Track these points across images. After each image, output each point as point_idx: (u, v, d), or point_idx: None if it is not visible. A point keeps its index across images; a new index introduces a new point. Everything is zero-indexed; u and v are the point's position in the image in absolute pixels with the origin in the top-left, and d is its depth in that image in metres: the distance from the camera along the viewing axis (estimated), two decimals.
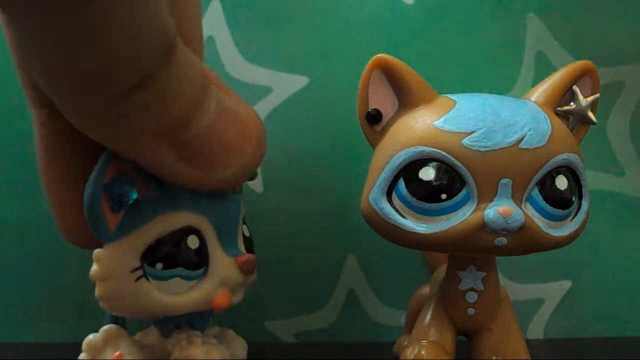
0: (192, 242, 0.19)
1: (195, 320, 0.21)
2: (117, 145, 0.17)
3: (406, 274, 0.30)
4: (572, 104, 0.19)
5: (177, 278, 0.19)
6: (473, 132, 0.17)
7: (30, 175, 0.30)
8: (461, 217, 0.17)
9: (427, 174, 0.17)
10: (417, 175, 0.17)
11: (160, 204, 0.19)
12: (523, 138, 0.17)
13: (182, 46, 0.16)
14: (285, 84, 0.30)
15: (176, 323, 0.21)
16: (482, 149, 0.17)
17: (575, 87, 0.19)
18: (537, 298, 0.31)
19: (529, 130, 0.17)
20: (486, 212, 0.17)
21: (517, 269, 0.30)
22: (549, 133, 0.17)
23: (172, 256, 0.19)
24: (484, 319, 0.20)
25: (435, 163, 0.17)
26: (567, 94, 0.19)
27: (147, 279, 0.19)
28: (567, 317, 0.31)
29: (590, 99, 0.19)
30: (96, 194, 0.18)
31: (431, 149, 0.17)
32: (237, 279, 0.20)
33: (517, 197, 0.17)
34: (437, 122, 0.17)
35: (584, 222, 0.19)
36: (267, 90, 0.30)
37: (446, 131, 0.17)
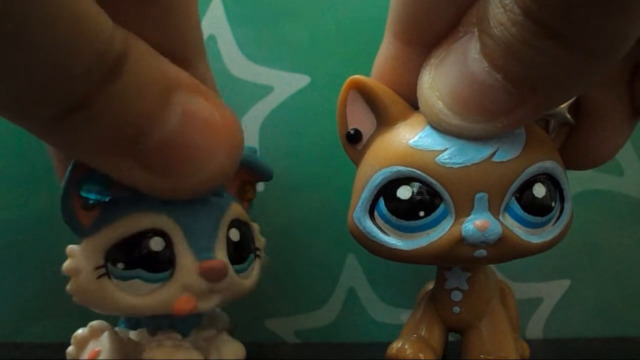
0: (155, 244, 0.19)
1: (178, 323, 0.21)
2: (77, 157, 0.17)
3: (406, 273, 0.30)
4: None
5: (137, 279, 0.18)
6: (446, 149, 0.17)
7: (29, 173, 0.30)
8: (440, 233, 0.18)
9: (405, 193, 0.18)
10: (396, 195, 0.18)
11: (132, 203, 0.19)
12: (495, 152, 0.17)
13: (139, 53, 0.15)
14: (287, 83, 0.30)
15: (157, 324, 0.21)
16: (456, 166, 0.17)
17: None
18: (536, 297, 0.31)
19: (502, 143, 0.17)
20: (463, 226, 0.17)
21: (516, 268, 0.30)
22: (522, 143, 0.17)
23: (133, 257, 0.18)
24: (470, 318, 0.20)
25: (412, 182, 0.18)
26: None
27: (110, 277, 0.18)
28: (566, 316, 0.31)
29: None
30: (66, 190, 0.18)
31: (407, 168, 0.17)
32: (200, 286, 0.19)
33: (495, 209, 0.17)
34: (412, 141, 0.18)
35: (568, 224, 0.19)
36: (268, 89, 0.30)
37: (420, 150, 0.17)
